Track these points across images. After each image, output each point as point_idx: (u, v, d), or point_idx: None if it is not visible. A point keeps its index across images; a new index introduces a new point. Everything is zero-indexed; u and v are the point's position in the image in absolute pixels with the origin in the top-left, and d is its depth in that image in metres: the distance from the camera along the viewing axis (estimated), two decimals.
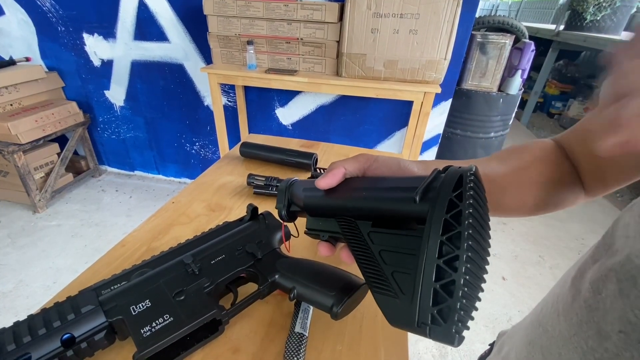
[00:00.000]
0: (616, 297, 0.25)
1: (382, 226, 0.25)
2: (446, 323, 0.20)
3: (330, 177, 0.28)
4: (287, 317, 0.39)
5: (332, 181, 0.28)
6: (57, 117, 2.01)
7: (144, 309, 0.33)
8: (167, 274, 0.36)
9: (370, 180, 0.29)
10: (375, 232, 0.25)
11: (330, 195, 0.29)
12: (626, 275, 0.24)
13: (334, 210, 0.29)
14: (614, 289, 0.25)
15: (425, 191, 0.23)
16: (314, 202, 0.31)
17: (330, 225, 0.29)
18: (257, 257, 0.40)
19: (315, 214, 0.31)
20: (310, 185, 0.31)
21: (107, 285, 0.35)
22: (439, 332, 0.20)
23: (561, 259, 1.95)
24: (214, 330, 0.35)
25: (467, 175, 0.22)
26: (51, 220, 2.02)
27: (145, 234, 0.52)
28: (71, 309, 0.31)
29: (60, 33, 1.97)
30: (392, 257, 0.24)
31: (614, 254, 0.27)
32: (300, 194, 0.32)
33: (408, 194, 0.23)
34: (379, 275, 0.24)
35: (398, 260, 0.23)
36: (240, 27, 1.54)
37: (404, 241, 0.23)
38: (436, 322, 0.20)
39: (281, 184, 0.34)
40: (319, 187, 0.29)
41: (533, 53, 1.87)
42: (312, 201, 0.31)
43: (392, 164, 0.29)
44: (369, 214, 0.26)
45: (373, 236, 0.25)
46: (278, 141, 0.89)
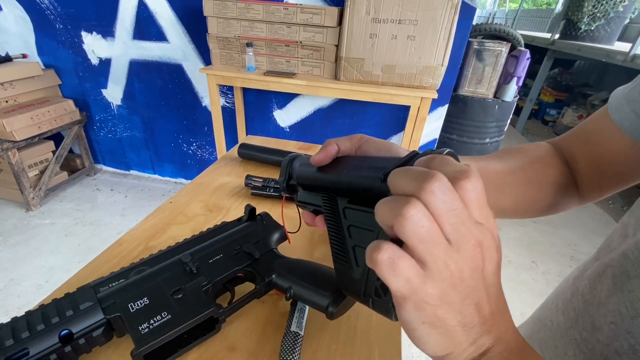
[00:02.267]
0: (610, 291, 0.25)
1: (357, 203, 0.26)
2: (385, 296, 0.22)
3: (323, 154, 0.30)
4: (283, 317, 0.40)
5: (324, 157, 0.30)
6: (53, 114, 2.00)
7: (142, 307, 0.33)
8: (165, 272, 0.37)
9: (354, 158, 0.30)
10: (349, 208, 0.27)
11: (320, 171, 0.31)
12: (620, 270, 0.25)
13: (319, 185, 0.31)
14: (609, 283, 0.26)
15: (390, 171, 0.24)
16: (305, 176, 0.33)
17: (316, 199, 0.31)
18: (255, 257, 0.40)
19: (305, 187, 0.33)
20: (306, 161, 0.33)
21: (105, 282, 0.35)
22: (379, 305, 0.22)
23: (553, 264, 1.97)
24: (211, 329, 0.35)
25: None
26: (44, 219, 2.00)
27: (142, 233, 0.52)
28: (70, 305, 0.31)
29: (58, 30, 1.97)
30: (357, 233, 0.25)
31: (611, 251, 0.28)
32: (297, 169, 0.34)
33: (377, 173, 0.24)
34: (342, 248, 0.26)
35: (360, 236, 0.25)
36: (239, 29, 1.55)
37: (368, 218, 0.24)
38: (378, 294, 0.22)
39: (284, 158, 0.35)
40: (312, 163, 0.31)
41: (528, 61, 1.90)
42: (303, 175, 0.33)
43: (381, 145, 0.30)
44: (345, 191, 0.28)
45: (347, 212, 0.27)
46: (276, 143, 0.89)
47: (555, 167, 0.37)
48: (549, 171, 0.37)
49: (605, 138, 0.33)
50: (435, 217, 0.17)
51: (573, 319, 0.29)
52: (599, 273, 0.29)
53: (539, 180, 0.36)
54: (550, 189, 0.37)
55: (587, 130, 0.36)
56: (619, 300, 0.24)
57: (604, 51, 2.74)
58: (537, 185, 0.36)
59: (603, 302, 0.26)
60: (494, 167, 0.36)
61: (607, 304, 0.25)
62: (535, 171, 0.36)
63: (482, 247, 0.18)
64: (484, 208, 0.18)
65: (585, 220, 2.39)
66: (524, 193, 0.36)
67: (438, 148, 1.35)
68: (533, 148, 0.39)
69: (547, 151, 0.38)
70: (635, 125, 0.30)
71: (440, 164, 0.19)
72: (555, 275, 1.90)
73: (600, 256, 0.31)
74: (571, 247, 2.13)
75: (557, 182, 0.37)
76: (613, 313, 0.24)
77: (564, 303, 0.33)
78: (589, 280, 0.31)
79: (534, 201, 0.37)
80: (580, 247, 2.13)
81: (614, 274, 0.26)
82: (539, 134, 4.05)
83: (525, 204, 0.37)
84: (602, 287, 0.27)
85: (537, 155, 0.38)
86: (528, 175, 0.36)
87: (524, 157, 0.37)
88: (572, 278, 0.36)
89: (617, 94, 0.33)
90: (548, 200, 0.37)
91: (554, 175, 0.37)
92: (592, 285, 0.29)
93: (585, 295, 0.29)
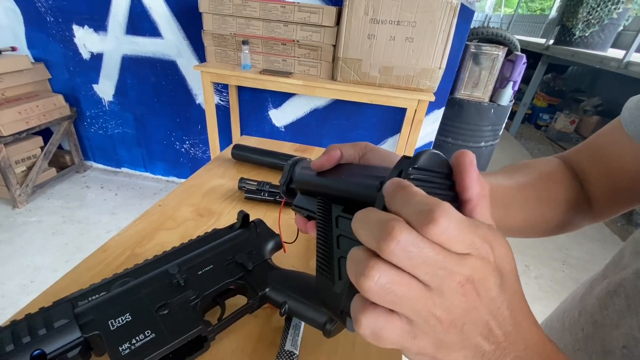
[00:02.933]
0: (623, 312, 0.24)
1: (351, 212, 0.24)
2: None
3: (325, 159, 0.28)
4: (276, 332, 0.38)
5: (325, 163, 0.28)
6: (42, 109, 1.94)
7: (123, 324, 0.30)
8: (150, 285, 0.34)
9: (355, 166, 0.28)
10: (342, 216, 0.25)
11: (319, 176, 0.29)
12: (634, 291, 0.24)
13: (316, 190, 0.30)
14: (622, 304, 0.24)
15: None
16: (303, 180, 0.31)
17: (312, 205, 0.30)
18: (248, 269, 0.38)
19: (303, 192, 0.32)
20: (308, 165, 0.31)
21: (84, 295, 0.33)
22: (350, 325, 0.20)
23: (546, 269, 1.98)
24: (199, 347, 0.33)
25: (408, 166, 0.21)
26: (31, 216, 1.95)
27: (128, 239, 0.49)
28: (43, 322, 0.29)
29: (49, 23, 1.91)
30: (345, 243, 0.23)
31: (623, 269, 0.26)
32: (297, 172, 0.33)
33: (374, 181, 0.22)
34: (327, 258, 0.24)
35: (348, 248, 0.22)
36: (235, 26, 1.52)
37: None
38: None
39: (288, 161, 0.34)
40: (312, 168, 0.29)
41: (524, 66, 1.90)
42: (302, 179, 0.32)
43: (386, 156, 0.28)
44: (340, 198, 0.26)
45: (340, 220, 0.25)
46: (271, 144, 0.87)
47: (566, 184, 0.35)
48: (559, 188, 0.35)
49: (619, 152, 0.31)
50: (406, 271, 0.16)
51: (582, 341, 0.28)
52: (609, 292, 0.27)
53: (549, 198, 0.35)
54: (561, 206, 0.35)
55: (599, 144, 0.34)
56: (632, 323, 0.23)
57: (598, 57, 2.77)
58: (547, 202, 0.34)
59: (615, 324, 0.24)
60: (502, 183, 0.34)
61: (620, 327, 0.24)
62: (545, 188, 0.35)
63: (472, 280, 0.16)
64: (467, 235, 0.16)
65: None
66: (533, 210, 0.34)
67: None
68: (543, 163, 0.37)
69: (557, 167, 0.36)
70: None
71: (402, 203, 0.17)
72: (547, 280, 1.90)
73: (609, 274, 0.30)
74: (563, 251, 2.14)
75: (568, 199, 0.35)
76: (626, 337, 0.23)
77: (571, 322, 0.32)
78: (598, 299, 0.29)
79: (544, 219, 0.35)
80: (572, 252, 2.14)
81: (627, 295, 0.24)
82: (532, 138, 4.09)
83: (534, 222, 0.35)
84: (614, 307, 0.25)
85: (547, 172, 0.36)
86: (538, 192, 0.34)
87: (533, 173, 0.36)
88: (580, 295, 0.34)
89: (630, 106, 0.32)
90: (559, 219, 0.35)
91: (565, 192, 0.35)
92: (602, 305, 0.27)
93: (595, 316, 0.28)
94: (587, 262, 2.08)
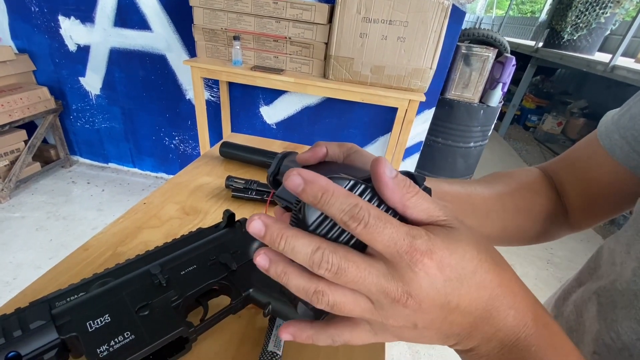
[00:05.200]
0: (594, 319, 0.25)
1: None
2: None
3: (310, 154, 0.28)
4: (260, 332, 0.38)
5: (310, 158, 0.28)
6: (25, 102, 1.89)
7: (102, 325, 0.30)
8: (131, 285, 0.34)
9: (337, 165, 0.29)
10: None
11: None
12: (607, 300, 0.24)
13: None
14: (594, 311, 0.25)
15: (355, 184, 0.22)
16: None
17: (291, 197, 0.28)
18: (231, 269, 0.37)
19: None
20: (295, 159, 0.32)
21: (63, 296, 0.32)
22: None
23: (530, 267, 2.02)
24: (180, 349, 0.33)
25: None
26: (14, 212, 1.90)
27: (111, 237, 0.48)
28: (18, 324, 0.28)
29: (34, 13, 1.86)
30: None
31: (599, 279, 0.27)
32: (285, 164, 0.33)
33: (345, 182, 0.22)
34: None
35: None
36: (227, 21, 1.50)
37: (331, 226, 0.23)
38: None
39: (279, 154, 0.34)
40: (297, 161, 0.30)
41: (514, 67, 1.93)
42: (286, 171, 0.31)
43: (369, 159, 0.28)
44: None
45: None
46: (260, 142, 0.86)
47: (544, 195, 0.36)
48: (537, 199, 0.35)
49: (595, 164, 0.32)
50: None
51: None
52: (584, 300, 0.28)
53: (527, 208, 0.35)
54: (538, 217, 0.35)
55: (576, 156, 0.35)
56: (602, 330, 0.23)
57: (585, 61, 2.82)
58: (525, 212, 0.35)
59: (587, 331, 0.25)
60: (481, 193, 0.34)
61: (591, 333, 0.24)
62: (523, 198, 0.35)
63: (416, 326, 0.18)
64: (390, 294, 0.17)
65: None
66: (511, 220, 0.35)
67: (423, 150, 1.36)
68: (522, 174, 0.38)
69: (536, 177, 0.37)
70: (626, 153, 0.29)
71: None
72: (532, 279, 1.94)
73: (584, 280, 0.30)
74: (548, 251, 2.19)
75: (545, 210, 0.35)
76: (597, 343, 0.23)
77: None
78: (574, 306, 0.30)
79: (521, 229, 0.35)
80: (556, 251, 2.19)
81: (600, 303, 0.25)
82: (520, 139, 4.16)
83: (512, 232, 0.35)
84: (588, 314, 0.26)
85: (526, 182, 0.36)
86: (516, 202, 0.35)
87: (513, 183, 0.36)
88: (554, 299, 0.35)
89: (606, 120, 0.32)
90: (536, 229, 0.36)
91: (543, 203, 0.35)
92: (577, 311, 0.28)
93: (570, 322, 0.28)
94: (570, 262, 2.13)
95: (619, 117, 0.30)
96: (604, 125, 0.32)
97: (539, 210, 0.35)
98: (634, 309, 0.21)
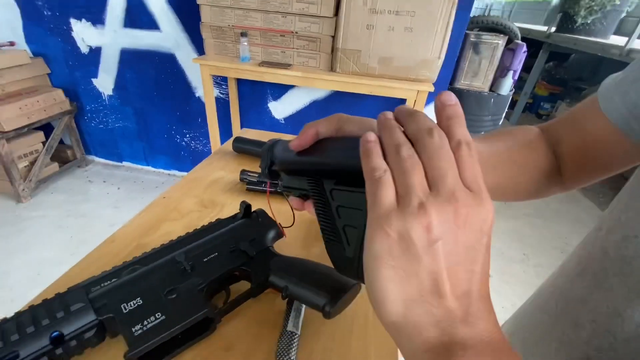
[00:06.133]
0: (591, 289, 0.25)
1: (344, 184, 0.26)
2: None
3: (301, 139, 0.29)
4: (279, 315, 0.40)
5: (302, 142, 0.29)
6: (42, 104, 1.95)
7: (135, 307, 0.32)
8: (158, 272, 0.36)
9: (335, 140, 0.29)
10: (336, 189, 0.26)
11: (302, 155, 0.30)
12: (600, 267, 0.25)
13: (303, 170, 0.30)
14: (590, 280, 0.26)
15: None
16: (288, 161, 0.32)
17: (301, 184, 0.30)
18: (250, 256, 0.39)
19: (289, 172, 0.32)
20: (287, 146, 0.32)
21: (96, 282, 0.35)
22: None
23: (545, 257, 2.00)
24: (206, 329, 0.35)
25: None
26: (36, 211, 1.97)
27: (135, 230, 0.51)
28: (60, 306, 0.31)
29: (47, 17, 1.91)
30: (346, 213, 0.25)
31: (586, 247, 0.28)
32: (279, 155, 0.33)
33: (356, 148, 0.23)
34: (332, 229, 0.25)
35: (350, 216, 0.25)
36: (234, 18, 1.52)
37: (356, 198, 0.24)
38: None
39: (265, 144, 0.35)
40: (292, 148, 0.30)
41: (525, 54, 1.89)
42: (286, 161, 0.32)
43: (362, 123, 0.28)
44: (330, 173, 0.27)
45: (334, 193, 0.26)
46: (271, 137, 0.88)
47: (541, 152, 0.37)
48: (533, 155, 0.37)
49: (592, 125, 0.33)
50: None
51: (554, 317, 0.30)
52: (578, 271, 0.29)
53: (522, 163, 0.36)
54: (533, 172, 0.37)
55: (576, 117, 0.36)
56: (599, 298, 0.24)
57: (600, 45, 2.74)
58: (520, 167, 0.36)
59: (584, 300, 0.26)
60: (478, 148, 0.36)
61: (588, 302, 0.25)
62: (520, 154, 0.36)
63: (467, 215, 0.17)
64: None
65: (576, 214, 2.42)
66: (504, 174, 0.36)
67: None
68: (521, 132, 0.39)
69: (535, 136, 0.38)
70: (623, 116, 0.30)
71: None
72: (546, 268, 1.93)
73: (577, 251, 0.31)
74: (562, 240, 2.16)
75: (540, 166, 0.37)
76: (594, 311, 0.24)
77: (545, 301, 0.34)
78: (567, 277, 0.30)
79: (515, 183, 0.37)
80: (570, 241, 2.16)
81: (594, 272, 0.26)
82: None
83: (505, 185, 0.36)
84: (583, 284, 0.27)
85: (524, 139, 0.38)
86: (512, 158, 0.36)
87: (511, 140, 0.37)
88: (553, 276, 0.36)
89: (607, 82, 0.33)
90: (530, 185, 0.37)
91: (538, 160, 0.37)
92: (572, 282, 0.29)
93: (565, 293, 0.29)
94: None
95: (620, 81, 0.31)
96: (605, 87, 0.33)
97: (534, 166, 0.36)
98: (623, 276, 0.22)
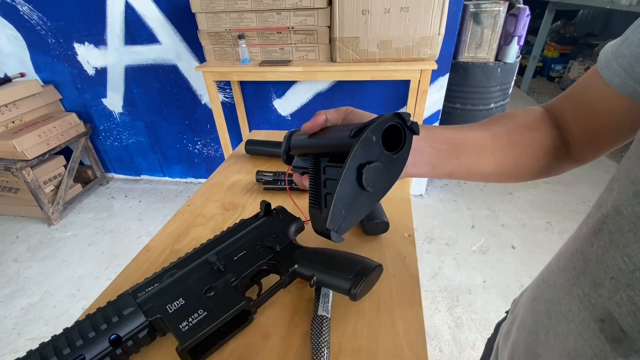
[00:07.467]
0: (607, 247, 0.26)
1: (334, 161, 0.32)
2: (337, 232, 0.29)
3: (312, 122, 0.34)
4: (309, 302, 0.42)
5: (313, 125, 0.34)
6: (59, 129, 2.04)
7: (179, 307, 0.35)
8: (195, 273, 0.39)
9: (338, 126, 0.34)
10: (328, 166, 0.32)
11: (309, 139, 0.36)
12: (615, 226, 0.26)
13: (307, 149, 0.36)
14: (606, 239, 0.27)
15: (360, 129, 0.28)
16: (297, 144, 0.38)
17: (305, 163, 0.36)
18: (276, 250, 0.42)
19: (299, 154, 0.38)
20: (300, 132, 0.38)
21: (141, 288, 0.38)
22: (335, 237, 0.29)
23: (569, 223, 1.97)
24: (244, 320, 0.38)
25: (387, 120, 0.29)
26: (67, 231, 2.08)
27: (166, 238, 0.54)
28: (114, 312, 0.34)
29: (51, 45, 1.97)
30: (330, 184, 0.31)
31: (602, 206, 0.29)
32: (293, 141, 0.39)
33: (347, 132, 0.28)
34: (317, 196, 0.31)
35: (331, 186, 0.30)
36: (229, 21, 1.53)
37: (336, 171, 0.30)
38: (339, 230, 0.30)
39: (286, 133, 0.40)
40: (302, 131, 0.35)
41: (529, 18, 1.83)
42: (296, 144, 0.38)
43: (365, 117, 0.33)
44: (325, 152, 0.33)
45: (327, 169, 0.32)
46: (281, 135, 0.90)
47: (543, 131, 0.37)
48: (535, 135, 0.37)
49: (596, 96, 0.33)
50: None
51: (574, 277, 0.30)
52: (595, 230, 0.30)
53: (524, 144, 0.37)
54: (536, 152, 0.37)
55: (578, 90, 0.36)
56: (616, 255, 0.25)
57: None
58: (521, 148, 0.37)
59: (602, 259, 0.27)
60: (475, 134, 0.37)
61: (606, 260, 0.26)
62: (519, 135, 0.37)
63: None
64: None
65: (598, 175, 2.36)
66: (506, 157, 0.36)
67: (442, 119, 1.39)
68: (521, 114, 0.39)
69: (537, 115, 0.38)
70: (624, 81, 0.30)
71: None
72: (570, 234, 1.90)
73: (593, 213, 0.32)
74: (586, 204, 2.12)
75: (546, 145, 0.37)
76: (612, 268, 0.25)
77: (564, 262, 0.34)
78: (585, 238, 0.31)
79: (518, 164, 0.37)
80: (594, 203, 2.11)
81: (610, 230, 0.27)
82: (546, 92, 3.94)
83: (507, 167, 0.37)
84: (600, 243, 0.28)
85: (524, 121, 0.38)
86: (512, 140, 0.37)
87: (510, 123, 0.38)
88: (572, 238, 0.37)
89: (605, 50, 0.33)
90: (535, 164, 0.37)
91: (541, 139, 0.37)
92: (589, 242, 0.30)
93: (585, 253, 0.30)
94: None
95: (617, 47, 0.31)
96: (603, 55, 0.33)
97: (538, 145, 0.37)
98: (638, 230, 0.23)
